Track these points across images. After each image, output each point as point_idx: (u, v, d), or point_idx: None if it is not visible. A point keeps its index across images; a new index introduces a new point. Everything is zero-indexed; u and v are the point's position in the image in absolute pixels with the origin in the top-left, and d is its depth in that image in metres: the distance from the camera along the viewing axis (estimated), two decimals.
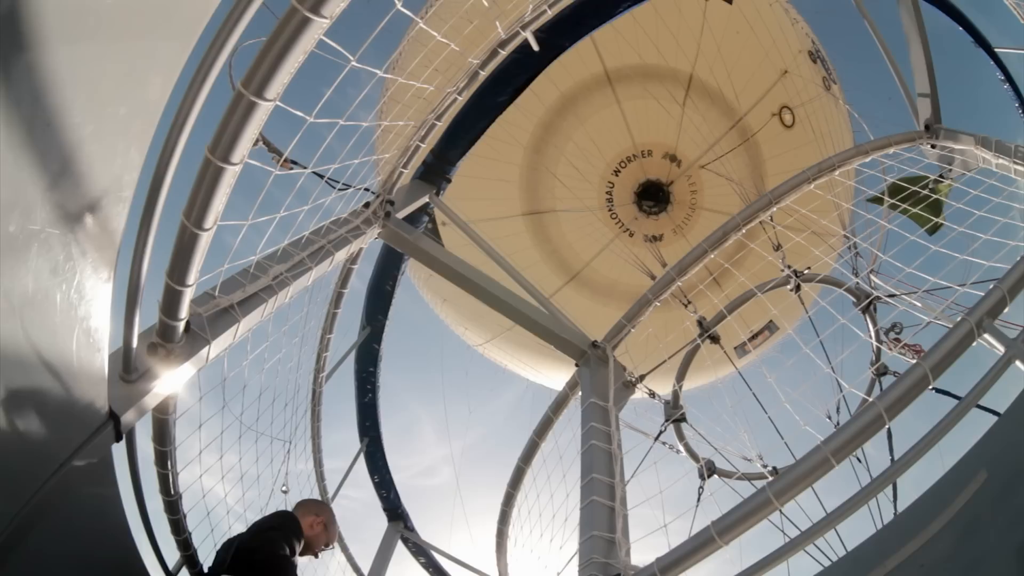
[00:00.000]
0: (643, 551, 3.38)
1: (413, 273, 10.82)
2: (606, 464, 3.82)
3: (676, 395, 6.98)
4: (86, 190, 1.76)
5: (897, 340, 5.97)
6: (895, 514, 3.86)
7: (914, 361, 2.84)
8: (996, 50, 5.61)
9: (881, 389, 6.18)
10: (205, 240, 2.49)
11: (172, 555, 4.12)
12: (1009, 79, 5.71)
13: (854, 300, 6.44)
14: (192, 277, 2.57)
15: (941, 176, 5.70)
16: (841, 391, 5.21)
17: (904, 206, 5.51)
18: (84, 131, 1.65)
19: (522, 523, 5.53)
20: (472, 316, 11.29)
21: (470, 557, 8.85)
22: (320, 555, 4.49)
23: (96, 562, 2.89)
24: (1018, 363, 2.63)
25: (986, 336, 2.81)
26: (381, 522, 8.90)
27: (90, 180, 1.75)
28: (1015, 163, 4.66)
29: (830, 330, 5.81)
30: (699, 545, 2.75)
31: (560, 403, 5.53)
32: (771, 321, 9.46)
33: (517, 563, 5.76)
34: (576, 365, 5.23)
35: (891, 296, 5.86)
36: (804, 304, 6.54)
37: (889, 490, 4.56)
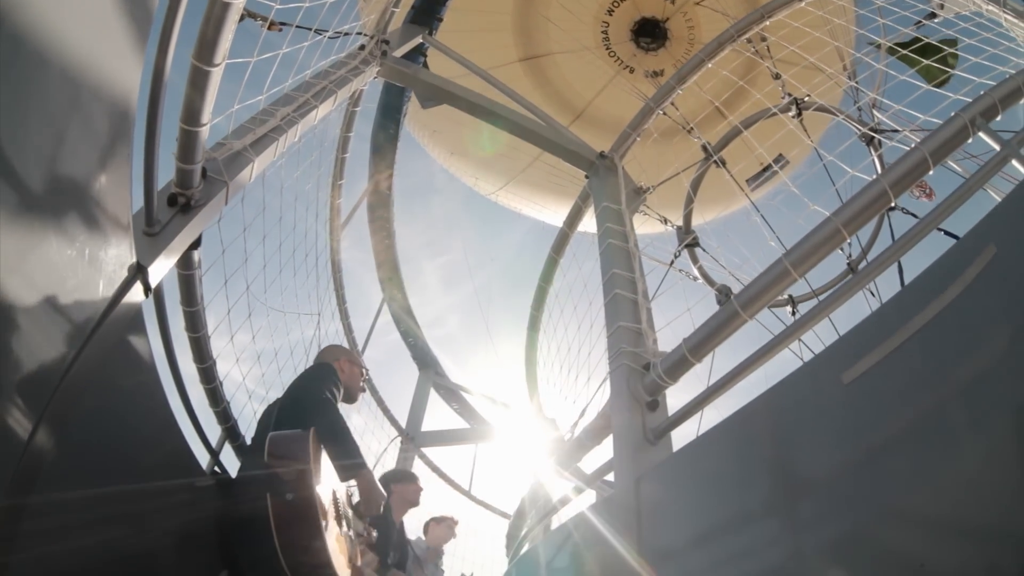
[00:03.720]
0: None
1: (417, 133, 10.84)
2: (625, 260, 3.89)
3: (690, 199, 7.04)
4: (107, 23, 1.75)
5: None
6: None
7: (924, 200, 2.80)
8: None
9: (891, 226, 6.20)
10: (216, 76, 2.55)
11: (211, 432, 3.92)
12: None
13: (857, 132, 6.41)
14: (206, 116, 2.63)
15: (933, 13, 5.61)
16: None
17: (915, 45, 5.44)
18: None
19: (547, 343, 5.68)
20: (482, 165, 11.42)
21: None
22: (359, 396, 4.56)
23: (137, 436, 2.71)
24: (1014, 162, 2.66)
25: (981, 135, 2.79)
26: (405, 377, 9.23)
27: (111, 13, 1.75)
28: (1004, 12, 4.53)
29: (834, 152, 5.83)
30: (724, 321, 2.72)
31: (574, 216, 5.61)
32: (780, 155, 9.44)
33: (546, 384, 5.92)
34: (586, 178, 5.30)
35: (893, 132, 5.86)
36: (809, 136, 6.50)
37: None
